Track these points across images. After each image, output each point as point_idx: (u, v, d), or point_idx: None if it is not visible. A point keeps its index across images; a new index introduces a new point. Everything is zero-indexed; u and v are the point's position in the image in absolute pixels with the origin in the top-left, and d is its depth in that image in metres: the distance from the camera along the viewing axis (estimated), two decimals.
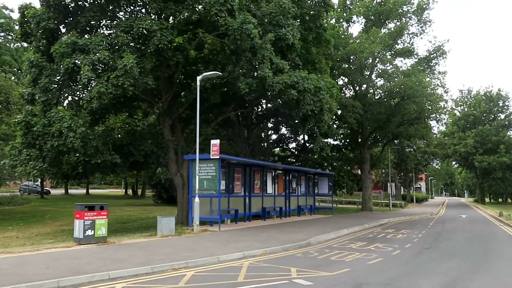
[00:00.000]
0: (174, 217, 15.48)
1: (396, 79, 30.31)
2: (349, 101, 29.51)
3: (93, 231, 12.64)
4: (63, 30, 18.22)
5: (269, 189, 24.24)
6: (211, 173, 17.31)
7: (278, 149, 44.37)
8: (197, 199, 16.34)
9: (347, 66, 32.50)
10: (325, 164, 40.72)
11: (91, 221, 12.60)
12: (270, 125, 35.10)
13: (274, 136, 39.40)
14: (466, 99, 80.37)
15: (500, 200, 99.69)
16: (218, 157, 16.84)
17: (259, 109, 26.93)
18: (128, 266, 9.67)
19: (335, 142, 44.15)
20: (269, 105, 26.26)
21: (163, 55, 16.87)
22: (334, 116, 35.40)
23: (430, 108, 34.24)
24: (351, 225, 22.04)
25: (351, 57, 29.91)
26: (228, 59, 18.81)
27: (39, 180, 52.54)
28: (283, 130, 39.90)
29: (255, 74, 17.11)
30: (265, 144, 33.64)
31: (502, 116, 77.32)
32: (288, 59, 20.51)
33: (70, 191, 75.46)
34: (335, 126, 41.60)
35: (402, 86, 28.87)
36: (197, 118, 16.67)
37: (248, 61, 17.05)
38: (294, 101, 17.90)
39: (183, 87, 20.58)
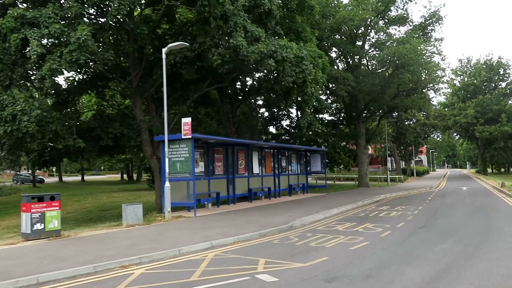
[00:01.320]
0: (141, 204, 14.08)
1: (389, 47, 28.44)
2: (340, 73, 27.79)
3: (42, 224, 11.25)
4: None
5: (255, 169, 22.83)
6: (184, 154, 15.85)
7: (272, 126, 43.00)
8: (167, 184, 14.95)
9: (338, 36, 30.61)
10: (320, 140, 39.28)
11: (39, 214, 11.19)
12: (260, 102, 33.67)
13: (266, 114, 37.96)
14: (465, 69, 78.23)
15: (502, 170, 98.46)
16: (190, 136, 15.37)
17: (241, 84, 25.26)
18: (68, 266, 8.29)
19: (330, 118, 42.68)
20: (248, 78, 24.57)
21: (125, 27, 15.22)
22: (325, 90, 33.91)
23: (427, 77, 32.54)
24: (343, 204, 20.72)
25: (341, 26, 28.04)
26: (200, 30, 17.13)
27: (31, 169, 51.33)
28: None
29: (229, 44, 15.46)
30: (256, 122, 32.14)
31: (503, 85, 75.32)
32: (268, 27, 18.82)
33: (65, 178, 74.64)
34: (327, 99, 40.15)
35: (395, 55, 27.07)
36: (164, 94, 15.13)
37: (219, 30, 15.39)
38: (273, 73, 16.29)
39: (154, 63, 18.94)
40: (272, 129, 42.92)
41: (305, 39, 21.97)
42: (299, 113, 42.01)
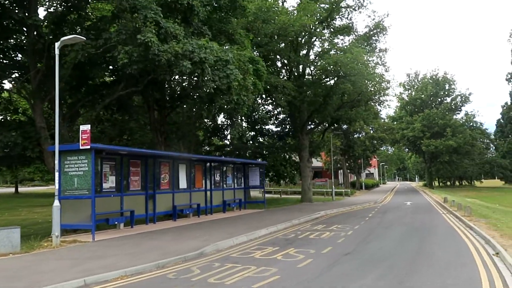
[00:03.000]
0: (18, 228, 11.67)
1: (330, 56, 27.24)
2: (280, 81, 26.27)
3: None
4: None
5: (182, 184, 20.72)
6: (83, 168, 13.56)
7: (217, 137, 41.01)
8: (56, 203, 12.65)
9: (279, 43, 29.05)
10: (265, 152, 37.67)
11: None
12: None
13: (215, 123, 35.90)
14: (413, 83, 79.77)
15: (448, 183, 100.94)
16: (88, 147, 13.13)
17: (170, 90, 23.11)
18: None
19: (276, 129, 41.21)
20: (177, 83, 22.48)
21: (12, 15, 12.88)
22: (266, 98, 32.39)
23: (372, 89, 31.69)
24: (276, 222, 18.98)
25: (281, 32, 26.58)
26: (109, 25, 14.99)
27: None
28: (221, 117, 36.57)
29: (136, 41, 13.42)
30: (193, 132, 29.98)
31: (449, 100, 77.30)
32: (194, 27, 16.99)
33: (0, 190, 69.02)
34: (272, 110, 38.67)
35: (337, 64, 25.88)
36: (56, 95, 12.89)
37: (126, 24, 13.34)
38: (192, 77, 14.38)
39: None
40: (215, 140, 41.10)
41: (238, 42, 20.26)
42: (243, 123, 40.50)
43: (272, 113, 40.31)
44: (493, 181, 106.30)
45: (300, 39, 29.57)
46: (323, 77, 29.86)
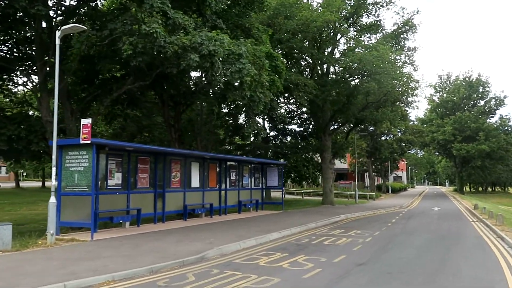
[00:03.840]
0: (10, 224, 11.12)
1: (354, 54, 25.93)
2: (300, 78, 25.19)
3: None
4: None
5: (195, 183, 19.98)
6: (84, 163, 12.95)
7: (238, 136, 40.27)
8: (52, 200, 12.03)
9: (301, 40, 27.87)
10: (288, 152, 36.64)
11: None
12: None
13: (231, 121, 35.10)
14: (445, 85, 76.99)
15: (480, 189, 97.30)
16: (89, 141, 12.50)
17: (185, 86, 22.36)
18: None
19: (300, 129, 40.13)
20: (192, 79, 21.68)
21: (13, 4, 12.38)
22: (289, 97, 31.32)
23: (399, 88, 30.24)
24: (290, 226, 18.03)
25: (303, 28, 25.50)
26: (115, 16, 14.35)
27: None
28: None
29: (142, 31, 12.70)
30: (212, 130, 29.26)
31: (482, 103, 74.23)
32: (207, 19, 16.22)
33: (24, 184, 70.28)
34: (288, 108, 37.54)
35: (361, 62, 24.61)
36: (56, 83, 12.25)
37: (132, 14, 12.65)
38: (199, 70, 13.58)
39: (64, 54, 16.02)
40: (237, 139, 40.34)
41: (255, 37, 19.37)
42: (265, 122, 39.58)
43: (295, 112, 39.35)
44: None
45: (324, 36, 28.41)
46: (347, 75, 28.58)
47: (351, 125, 34.22)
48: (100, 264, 9.71)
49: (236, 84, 14.57)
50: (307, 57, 30.85)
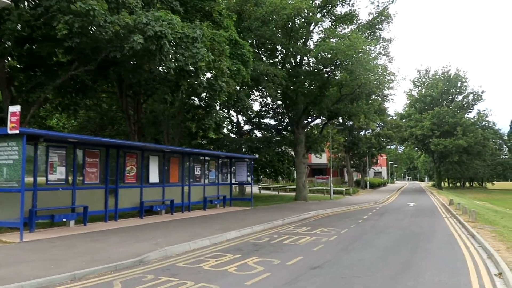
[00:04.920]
0: None
1: (325, 43, 24.84)
2: (270, 69, 24.03)
3: None
4: None
5: (154, 178, 18.73)
6: (13, 156, 11.59)
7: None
8: None
9: (270, 28, 26.42)
10: (261, 147, 35.51)
11: None
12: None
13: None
14: (424, 80, 76.85)
15: (458, 184, 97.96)
16: (17, 131, 11.14)
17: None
18: None
19: (275, 123, 39.06)
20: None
21: None
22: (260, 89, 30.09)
23: (374, 81, 29.30)
24: (253, 224, 16.97)
25: (273, 16, 24.33)
26: None
27: None
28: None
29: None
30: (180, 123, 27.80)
31: (460, 98, 74.31)
32: (162, 1, 14.95)
33: None
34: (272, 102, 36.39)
35: (332, 51, 23.59)
36: None
37: None
38: (145, 54, 12.31)
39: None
40: (211, 134, 39.06)
41: (217, 21, 18.15)
42: (238, 116, 38.43)
43: (271, 106, 38.28)
44: (506, 183, 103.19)
45: (296, 25, 27.24)
46: (321, 67, 27.49)
47: (325, 118, 33.23)
48: (14, 270, 8.44)
49: (189, 70, 13.32)
50: (279, 47, 29.68)
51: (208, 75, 17.62)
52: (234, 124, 39.03)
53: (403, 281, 8.45)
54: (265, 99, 37.81)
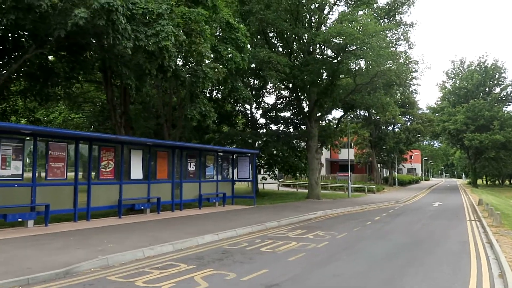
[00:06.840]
0: None
1: (333, 26, 22.55)
2: (272, 55, 22.05)
3: None
4: None
5: (136, 174, 17.23)
6: None
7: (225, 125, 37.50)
8: None
9: (273, 10, 24.18)
10: (274, 141, 33.57)
11: None
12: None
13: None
14: (458, 71, 72.48)
15: (496, 182, 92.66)
16: None
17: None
18: None
19: (291, 116, 37.09)
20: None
21: None
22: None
23: (396, 70, 26.81)
24: (242, 225, 15.29)
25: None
26: None
27: None
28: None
29: None
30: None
31: (498, 90, 69.59)
32: None
33: None
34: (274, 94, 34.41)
35: (339, 34, 21.31)
36: None
37: None
38: (98, 32, 10.69)
39: None
40: (224, 127, 37.51)
41: (212, 6, 16.39)
42: (253, 109, 36.73)
43: (288, 99, 36.32)
44: None
45: (304, 8, 25.03)
46: (328, 53, 25.25)
47: (342, 110, 30.93)
48: None
49: (153, 50, 11.63)
50: (286, 33, 27.49)
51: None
52: (249, 118, 37.35)
53: None
54: (283, 92, 35.98)
